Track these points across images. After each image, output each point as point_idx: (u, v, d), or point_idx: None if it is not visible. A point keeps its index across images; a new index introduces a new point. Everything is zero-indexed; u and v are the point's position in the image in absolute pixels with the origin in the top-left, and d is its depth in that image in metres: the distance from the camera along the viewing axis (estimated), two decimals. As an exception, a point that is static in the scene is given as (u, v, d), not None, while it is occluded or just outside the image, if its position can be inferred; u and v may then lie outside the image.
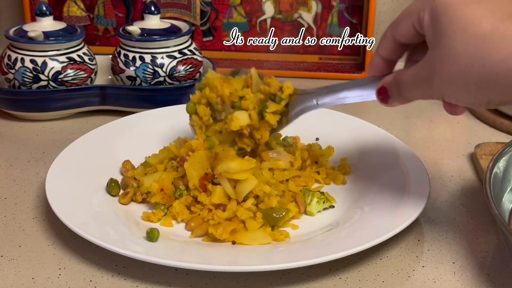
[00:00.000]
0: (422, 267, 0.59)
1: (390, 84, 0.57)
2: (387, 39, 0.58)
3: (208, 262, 0.56)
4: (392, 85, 0.57)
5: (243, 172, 0.63)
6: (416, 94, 0.56)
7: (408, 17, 0.55)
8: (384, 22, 1.09)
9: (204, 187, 0.64)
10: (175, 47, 0.89)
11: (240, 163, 0.63)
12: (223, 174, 0.63)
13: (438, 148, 0.82)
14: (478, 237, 0.64)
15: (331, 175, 0.71)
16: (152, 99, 0.87)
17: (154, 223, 0.64)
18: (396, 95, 0.57)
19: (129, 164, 0.72)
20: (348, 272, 0.58)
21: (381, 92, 0.58)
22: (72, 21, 1.06)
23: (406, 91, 0.56)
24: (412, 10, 0.55)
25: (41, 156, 0.78)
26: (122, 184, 0.69)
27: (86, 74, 0.88)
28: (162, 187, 0.65)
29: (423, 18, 0.53)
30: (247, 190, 0.63)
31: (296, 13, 1.06)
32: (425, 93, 0.54)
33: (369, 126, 0.79)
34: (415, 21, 0.54)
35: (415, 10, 0.54)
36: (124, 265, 0.58)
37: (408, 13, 0.55)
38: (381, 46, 0.59)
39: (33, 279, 0.57)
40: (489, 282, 0.57)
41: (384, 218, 0.62)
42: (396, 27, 0.57)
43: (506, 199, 0.65)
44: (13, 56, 0.86)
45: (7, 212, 0.67)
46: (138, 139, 0.77)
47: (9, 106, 0.87)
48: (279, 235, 0.61)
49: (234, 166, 0.63)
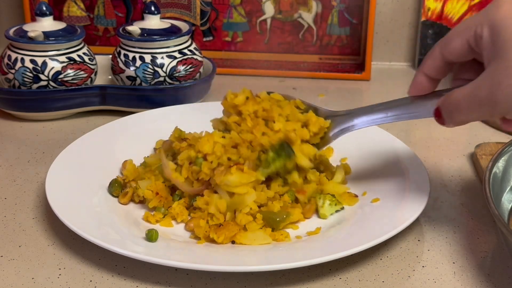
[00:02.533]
0: (422, 267, 0.59)
1: (443, 105, 0.55)
2: (435, 57, 0.57)
3: (208, 262, 0.56)
4: (444, 107, 0.55)
5: (243, 186, 0.62)
6: (472, 115, 0.53)
7: (462, 34, 0.54)
8: (384, 22, 1.09)
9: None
10: (175, 47, 0.89)
11: (240, 176, 0.62)
12: (223, 187, 0.62)
13: (438, 148, 0.82)
14: (478, 237, 0.64)
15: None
16: (152, 99, 0.87)
17: (153, 224, 0.64)
18: (448, 119, 0.55)
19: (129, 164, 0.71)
20: (348, 272, 0.58)
21: (436, 114, 0.56)
22: (72, 21, 1.06)
23: (458, 114, 0.54)
24: (467, 26, 0.54)
25: (41, 156, 0.78)
26: (122, 184, 0.69)
27: (86, 74, 0.88)
28: (157, 191, 0.65)
29: (481, 34, 0.52)
30: (246, 203, 0.62)
31: (296, 13, 1.06)
32: (486, 112, 0.52)
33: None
34: (471, 37, 0.53)
35: (470, 27, 0.53)
36: (124, 265, 0.58)
37: (461, 30, 0.54)
38: (427, 64, 0.57)
39: (33, 279, 0.57)
40: (489, 282, 0.57)
41: (384, 218, 0.62)
42: (447, 44, 0.55)
43: (506, 199, 0.65)
44: (13, 56, 0.86)
45: (7, 212, 0.67)
46: (138, 139, 0.77)
47: (9, 106, 0.87)
48: (279, 235, 0.61)
49: (233, 179, 0.61)
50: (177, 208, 0.64)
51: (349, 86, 1.03)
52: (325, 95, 0.99)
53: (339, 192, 0.67)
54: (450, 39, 0.56)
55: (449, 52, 0.56)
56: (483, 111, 0.52)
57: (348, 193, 0.68)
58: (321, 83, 1.03)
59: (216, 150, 0.64)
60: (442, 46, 0.56)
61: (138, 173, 0.69)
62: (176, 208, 0.64)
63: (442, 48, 0.56)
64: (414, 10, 1.08)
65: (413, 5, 1.08)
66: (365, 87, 1.03)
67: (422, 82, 0.59)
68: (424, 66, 0.58)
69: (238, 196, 0.62)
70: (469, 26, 0.54)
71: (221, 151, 0.64)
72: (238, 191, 0.62)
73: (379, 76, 1.06)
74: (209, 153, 0.64)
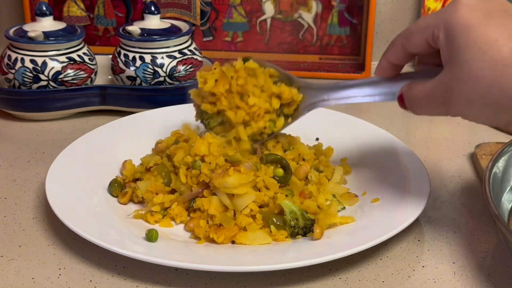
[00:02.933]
0: (422, 267, 0.59)
1: (405, 96, 0.58)
2: (397, 48, 0.58)
3: (208, 262, 0.56)
4: (406, 99, 0.58)
5: (242, 187, 0.62)
6: (430, 112, 0.56)
7: (421, 31, 0.55)
8: (384, 22, 1.09)
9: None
10: (175, 47, 0.89)
11: (238, 177, 0.62)
12: (222, 189, 0.62)
13: (438, 148, 0.82)
14: (478, 237, 0.64)
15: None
16: (152, 99, 0.87)
17: (152, 224, 0.64)
18: (410, 109, 0.58)
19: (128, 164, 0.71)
20: (348, 272, 0.58)
21: (400, 100, 0.58)
22: (72, 21, 1.06)
23: (418, 108, 0.57)
24: (425, 25, 0.54)
25: (41, 156, 0.78)
26: (122, 184, 0.69)
27: (86, 74, 0.88)
28: (157, 192, 0.65)
29: (437, 36, 0.53)
30: (245, 204, 0.62)
31: (296, 13, 1.06)
32: (441, 111, 0.55)
33: (369, 126, 0.79)
34: (429, 37, 0.54)
35: (428, 26, 0.54)
36: (124, 265, 0.58)
37: (420, 28, 0.55)
38: (390, 53, 0.59)
39: (33, 279, 0.57)
40: (489, 282, 0.57)
41: (384, 218, 0.62)
42: (408, 39, 0.56)
43: (506, 199, 0.65)
44: (13, 56, 0.86)
45: (7, 212, 0.67)
46: (138, 139, 0.77)
47: (9, 106, 0.87)
48: (279, 235, 0.61)
49: (232, 181, 0.61)
50: (176, 209, 0.64)
51: (349, 86, 1.03)
52: (325, 95, 0.99)
53: (339, 192, 0.67)
54: (411, 35, 0.56)
55: (410, 46, 0.56)
56: (440, 110, 0.55)
57: (348, 193, 0.68)
58: (321, 83, 1.03)
59: (213, 151, 0.65)
60: (404, 40, 0.57)
61: (138, 173, 0.69)
62: (175, 209, 0.64)
63: (404, 42, 0.57)
64: (414, 10, 1.08)
65: (413, 5, 1.08)
66: (365, 87, 1.03)
67: (386, 68, 0.60)
68: (387, 54, 0.59)
69: (238, 197, 0.62)
70: (428, 25, 0.54)
71: (217, 150, 0.65)
72: (237, 192, 0.62)
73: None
74: (206, 154, 0.65)
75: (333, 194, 0.66)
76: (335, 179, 0.69)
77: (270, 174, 0.64)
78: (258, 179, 0.63)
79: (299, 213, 0.61)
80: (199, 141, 0.66)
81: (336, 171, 0.70)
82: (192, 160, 0.65)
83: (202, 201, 0.63)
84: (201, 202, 0.63)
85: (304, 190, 0.65)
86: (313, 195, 0.65)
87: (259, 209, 0.62)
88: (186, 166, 0.66)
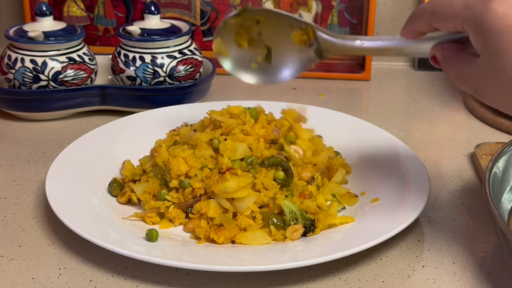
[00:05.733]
0: (422, 267, 0.59)
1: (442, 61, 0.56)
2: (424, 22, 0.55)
3: (208, 262, 0.56)
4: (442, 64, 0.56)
5: (242, 190, 0.62)
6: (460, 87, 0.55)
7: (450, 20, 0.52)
8: (384, 22, 1.09)
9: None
10: (175, 47, 0.89)
11: (237, 180, 0.61)
12: (222, 195, 0.62)
13: (438, 148, 0.82)
14: (478, 237, 0.64)
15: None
16: (152, 99, 0.87)
17: (150, 225, 0.63)
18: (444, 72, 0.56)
19: (127, 164, 0.71)
20: (348, 272, 0.58)
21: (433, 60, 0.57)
22: (72, 21, 1.06)
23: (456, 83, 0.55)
24: (454, 16, 0.52)
25: (41, 156, 0.78)
26: (121, 184, 0.69)
27: (86, 74, 0.88)
28: (154, 193, 0.65)
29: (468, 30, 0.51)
30: (247, 205, 0.62)
31: (296, 13, 1.06)
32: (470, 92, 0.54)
33: (369, 126, 0.79)
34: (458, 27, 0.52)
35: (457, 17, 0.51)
36: (124, 265, 0.58)
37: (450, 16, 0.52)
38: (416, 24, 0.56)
39: (33, 279, 0.57)
40: (489, 282, 0.57)
41: (384, 218, 0.62)
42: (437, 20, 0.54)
43: (506, 199, 0.65)
44: (13, 56, 0.86)
45: (7, 212, 0.67)
46: (138, 139, 0.77)
47: (9, 106, 0.87)
48: (279, 235, 0.61)
49: (231, 185, 0.61)
50: (173, 212, 0.63)
51: (349, 86, 1.03)
52: (325, 95, 0.99)
53: (339, 193, 0.67)
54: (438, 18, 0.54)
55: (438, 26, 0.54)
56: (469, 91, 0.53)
57: (348, 193, 0.68)
58: (321, 83, 1.03)
59: (191, 163, 0.64)
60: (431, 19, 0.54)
61: (136, 175, 0.69)
62: (173, 212, 0.64)
63: (431, 20, 0.54)
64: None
65: (413, 5, 1.08)
66: (365, 87, 1.03)
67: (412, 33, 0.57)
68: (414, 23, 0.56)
69: (239, 199, 0.62)
70: (456, 16, 0.52)
71: (195, 161, 0.64)
72: (238, 196, 0.61)
73: (379, 76, 1.06)
74: (188, 169, 0.64)
75: (333, 194, 0.66)
76: (337, 180, 0.69)
77: (270, 177, 0.64)
78: (256, 180, 0.63)
79: (299, 213, 0.61)
80: (174, 161, 0.65)
81: (338, 172, 0.70)
82: (178, 182, 0.65)
83: (200, 204, 0.63)
84: (200, 205, 0.63)
85: (304, 190, 0.65)
86: (313, 195, 0.65)
87: (259, 209, 0.62)
88: (176, 188, 0.65)
